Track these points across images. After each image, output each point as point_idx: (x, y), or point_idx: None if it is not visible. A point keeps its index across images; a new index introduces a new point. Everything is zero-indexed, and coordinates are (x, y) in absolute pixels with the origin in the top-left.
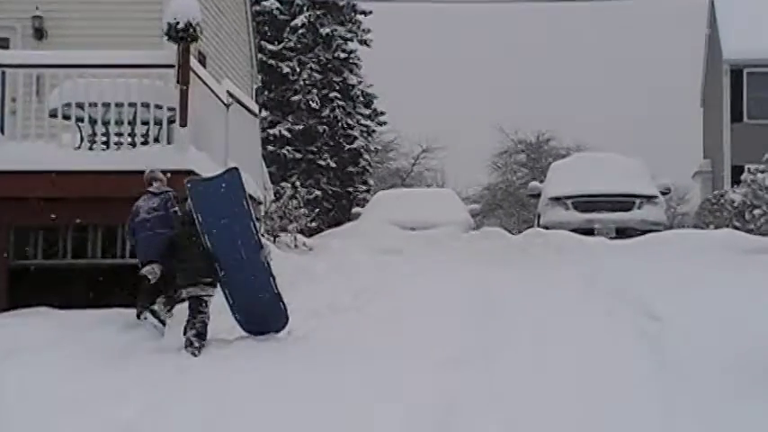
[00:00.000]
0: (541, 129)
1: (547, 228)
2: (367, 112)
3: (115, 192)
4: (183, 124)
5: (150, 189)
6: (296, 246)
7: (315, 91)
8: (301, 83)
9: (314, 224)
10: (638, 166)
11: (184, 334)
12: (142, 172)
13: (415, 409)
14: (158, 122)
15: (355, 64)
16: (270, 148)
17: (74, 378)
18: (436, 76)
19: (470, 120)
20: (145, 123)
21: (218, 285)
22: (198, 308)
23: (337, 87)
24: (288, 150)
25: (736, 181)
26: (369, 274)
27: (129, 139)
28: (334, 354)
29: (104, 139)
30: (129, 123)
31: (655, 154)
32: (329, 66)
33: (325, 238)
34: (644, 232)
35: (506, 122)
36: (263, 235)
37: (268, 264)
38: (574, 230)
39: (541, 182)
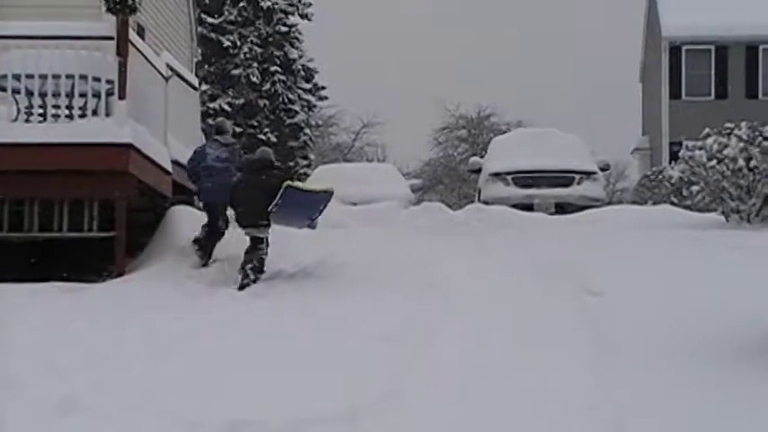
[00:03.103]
0: (482, 104)
1: (487, 203)
2: (308, 86)
3: (52, 165)
4: (122, 97)
5: (218, 138)
6: None
7: (255, 65)
8: (242, 56)
9: None
10: (577, 142)
11: (242, 269)
12: (80, 145)
13: (357, 379)
14: (96, 95)
15: (296, 38)
16: (210, 121)
17: (9, 353)
18: (378, 51)
19: (411, 95)
20: (83, 96)
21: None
22: (256, 245)
23: (278, 61)
24: None
25: (674, 157)
26: (309, 248)
27: (67, 112)
28: (271, 326)
29: (41, 111)
30: (67, 96)
31: (595, 130)
32: (270, 39)
33: None
34: (583, 208)
35: (447, 98)
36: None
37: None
38: (514, 206)
39: (482, 157)
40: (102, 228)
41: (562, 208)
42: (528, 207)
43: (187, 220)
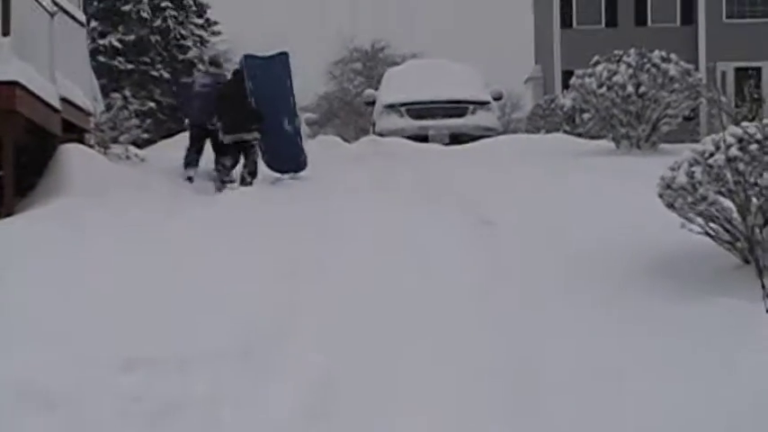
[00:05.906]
0: (376, 37)
1: (382, 135)
2: (200, 21)
3: None
4: (6, 33)
5: (208, 68)
6: (128, 157)
7: (146, 0)
8: None
9: (147, 135)
10: (470, 72)
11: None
12: None
13: (250, 317)
14: None
15: None
16: (100, 59)
17: None
18: None
19: (305, 29)
20: None
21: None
22: (247, 150)
23: None
24: (119, 61)
25: (566, 86)
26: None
27: None
28: (162, 267)
29: None
30: None
31: (488, 60)
32: None
33: (159, 149)
34: (477, 138)
35: (341, 30)
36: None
37: (299, 128)
38: (408, 137)
39: (377, 90)
40: None
41: (457, 138)
42: (423, 138)
43: (78, 159)
